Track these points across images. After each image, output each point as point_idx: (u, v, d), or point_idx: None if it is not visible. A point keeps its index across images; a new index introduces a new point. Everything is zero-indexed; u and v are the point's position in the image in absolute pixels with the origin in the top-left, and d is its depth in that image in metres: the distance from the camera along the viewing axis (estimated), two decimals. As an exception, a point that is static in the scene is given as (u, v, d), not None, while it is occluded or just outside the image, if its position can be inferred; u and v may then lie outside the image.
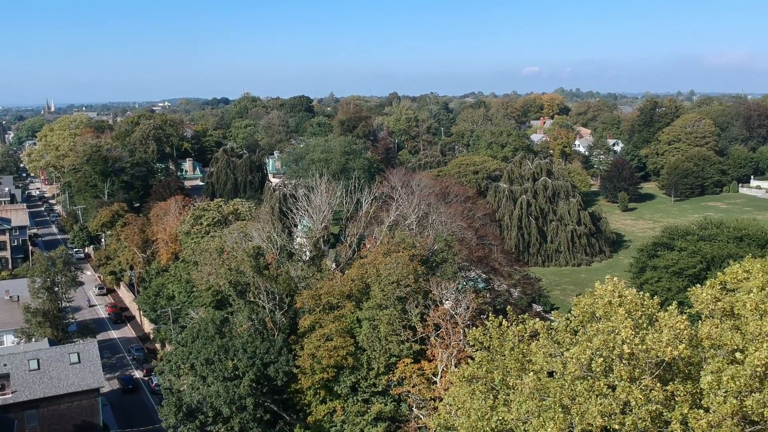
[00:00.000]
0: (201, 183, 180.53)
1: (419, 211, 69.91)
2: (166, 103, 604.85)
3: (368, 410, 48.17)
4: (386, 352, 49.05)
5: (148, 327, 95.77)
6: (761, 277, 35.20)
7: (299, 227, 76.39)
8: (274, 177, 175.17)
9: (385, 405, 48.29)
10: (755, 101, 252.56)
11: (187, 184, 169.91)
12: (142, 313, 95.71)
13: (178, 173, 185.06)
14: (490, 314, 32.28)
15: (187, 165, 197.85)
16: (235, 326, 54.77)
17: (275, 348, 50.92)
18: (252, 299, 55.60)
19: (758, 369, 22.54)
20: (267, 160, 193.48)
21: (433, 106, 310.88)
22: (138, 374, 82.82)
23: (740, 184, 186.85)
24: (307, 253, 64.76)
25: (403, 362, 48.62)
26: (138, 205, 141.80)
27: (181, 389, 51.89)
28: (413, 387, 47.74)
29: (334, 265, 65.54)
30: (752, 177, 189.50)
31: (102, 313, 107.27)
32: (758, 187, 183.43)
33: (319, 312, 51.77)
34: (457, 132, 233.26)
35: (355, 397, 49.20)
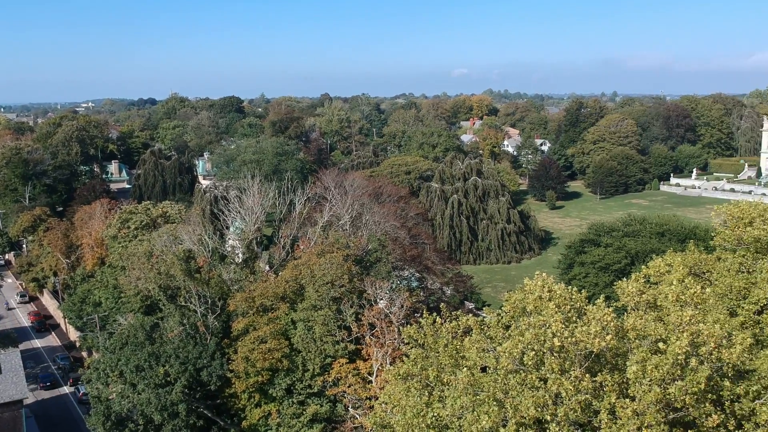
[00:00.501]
0: (128, 186, 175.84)
1: (353, 212, 69.98)
2: (90, 104, 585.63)
3: (304, 412, 47.87)
4: (321, 352, 48.87)
5: (73, 335, 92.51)
6: (682, 270, 36.76)
7: (231, 229, 75.29)
8: (204, 179, 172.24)
9: (321, 406, 48.10)
10: (674, 102, 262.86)
11: (114, 186, 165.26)
12: (67, 320, 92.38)
13: (104, 176, 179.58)
14: (424, 312, 32.56)
15: (113, 167, 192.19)
16: (166, 332, 53.57)
17: (208, 352, 50.04)
18: (183, 303, 54.48)
19: (680, 357, 23.44)
20: (197, 162, 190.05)
21: (365, 107, 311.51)
22: (65, 387, 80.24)
23: (661, 182, 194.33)
24: (240, 255, 63.90)
25: (339, 362, 48.55)
26: (61, 209, 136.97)
27: (110, 398, 50.35)
28: (349, 387, 47.76)
29: (267, 267, 64.87)
30: (672, 175, 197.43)
31: (24, 321, 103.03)
32: (677, 185, 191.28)
33: (253, 314, 51.17)
34: (389, 133, 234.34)
35: (290, 400, 48.81)
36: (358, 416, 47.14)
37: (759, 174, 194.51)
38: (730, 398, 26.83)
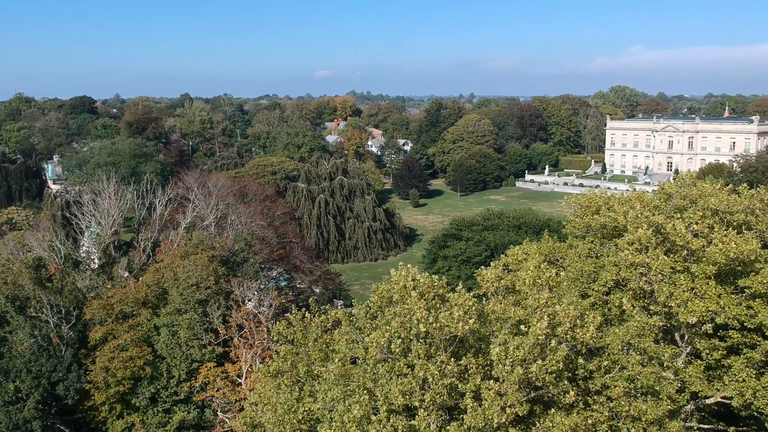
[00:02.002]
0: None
1: (217, 212, 68.33)
2: None
3: (170, 420, 46.19)
4: (187, 357, 47.39)
5: None
6: (537, 257, 38.87)
7: (86, 234, 71.28)
8: (54, 183, 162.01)
9: (188, 413, 46.63)
10: (526, 103, 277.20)
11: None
12: None
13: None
14: (293, 310, 32.43)
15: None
16: (15, 345, 49.84)
17: (64, 365, 47.06)
18: (34, 314, 50.91)
19: (539, 338, 24.75)
20: (46, 166, 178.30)
21: (227, 108, 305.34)
22: None
23: (517, 179, 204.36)
24: (96, 260, 60.66)
25: (206, 367, 47.27)
26: None
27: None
28: (217, 391, 46.59)
29: (127, 273, 61.97)
30: (526, 171, 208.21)
31: None
32: (532, 181, 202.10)
33: (112, 322, 48.70)
34: (254, 134, 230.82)
35: (155, 408, 46.93)
36: (227, 420, 46.10)
37: (604, 170, 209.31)
38: (584, 375, 28.71)
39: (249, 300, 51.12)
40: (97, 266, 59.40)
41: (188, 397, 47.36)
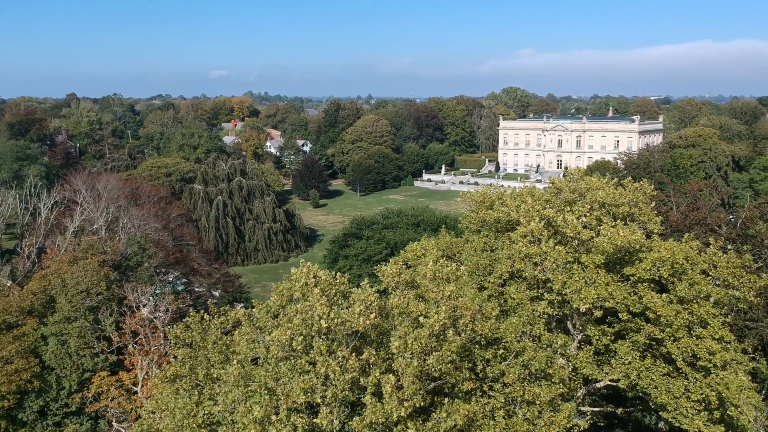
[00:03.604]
0: None
1: (108, 215, 65.60)
2: None
3: (61, 433, 44.05)
4: (79, 367, 45.32)
5: None
6: (436, 252, 39.64)
7: (-37, 242, 66.80)
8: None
9: (81, 425, 44.65)
10: (422, 104, 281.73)
11: None
12: None
13: None
14: (191, 313, 31.54)
15: None
16: None
17: (-60, 381, 43.91)
18: None
19: (435, 329, 25.22)
20: None
21: (117, 108, 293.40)
22: None
23: (415, 178, 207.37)
24: (-25, 269, 56.96)
25: (99, 376, 45.37)
26: None
27: None
28: (112, 400, 44.79)
29: (10, 282, 58.50)
30: (424, 171, 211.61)
31: None
32: (429, 180, 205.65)
33: (-5, 333, 45.88)
34: (146, 134, 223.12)
35: (44, 422, 44.62)
36: (123, 430, 44.38)
37: (497, 168, 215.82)
38: (482, 363, 29.53)
39: (144, 305, 49.41)
40: (-24, 275, 55.80)
41: (80, 409, 45.31)
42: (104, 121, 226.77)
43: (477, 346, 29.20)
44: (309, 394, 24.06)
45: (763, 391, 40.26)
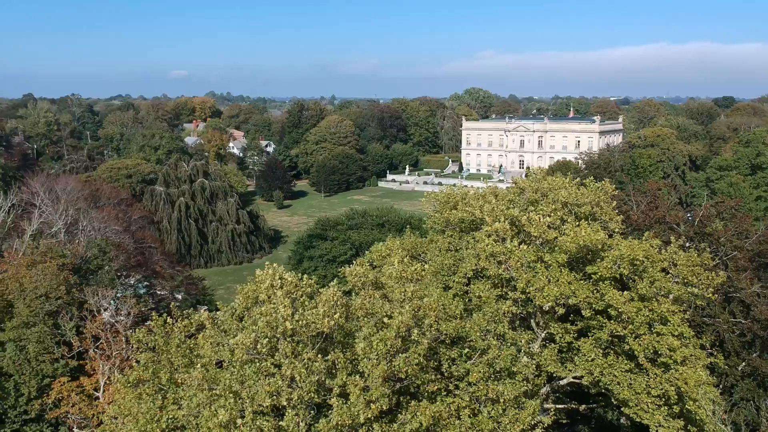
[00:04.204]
0: None
1: (67, 217, 64.30)
2: None
3: (20, 441, 43.05)
4: (38, 373, 44.34)
5: None
6: (401, 252, 39.72)
7: None
8: None
9: (41, 432, 43.69)
10: (386, 104, 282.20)
11: None
12: None
13: None
14: (154, 317, 31.11)
15: None
16: None
17: None
18: None
19: (401, 330, 25.27)
20: None
21: (76, 109, 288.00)
22: None
23: (379, 178, 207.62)
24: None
25: (59, 382, 44.42)
26: None
27: None
28: (72, 406, 43.88)
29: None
30: (388, 171, 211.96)
31: None
32: (393, 180, 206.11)
33: (-51, 340, 44.70)
34: (106, 135, 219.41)
35: (2, 430, 43.56)
36: (84, 436, 43.57)
37: (461, 168, 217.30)
38: (448, 363, 29.69)
39: (105, 309, 48.56)
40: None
41: (40, 416, 44.34)
42: (62, 121, 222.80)
43: (442, 345, 29.35)
44: (275, 396, 23.94)
45: (720, 386, 41.30)
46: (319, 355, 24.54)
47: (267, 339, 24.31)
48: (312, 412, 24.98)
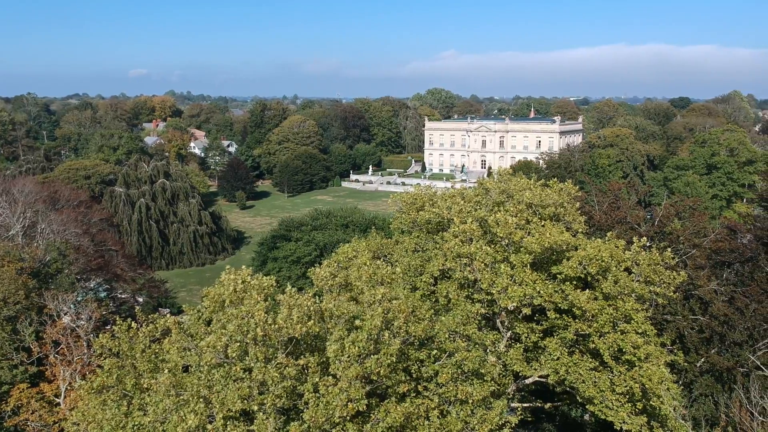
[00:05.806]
0: None
1: (25, 220, 62.89)
2: None
3: (-23, 450, 41.99)
4: (-4, 380, 43.27)
5: None
6: (367, 253, 39.65)
7: None
8: None
9: (-1, 440, 42.65)
10: (349, 104, 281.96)
11: None
12: None
13: None
14: (118, 321, 30.57)
15: None
16: None
17: None
18: None
19: (373, 332, 25.25)
20: None
21: (32, 108, 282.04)
22: None
23: (342, 179, 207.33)
24: None
25: (18, 388, 43.39)
26: None
27: None
28: (32, 414, 42.89)
29: None
30: (351, 171, 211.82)
31: None
32: (357, 180, 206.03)
33: None
34: (63, 135, 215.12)
35: (-42, 439, 42.45)
36: (45, 444, 42.62)
37: (424, 168, 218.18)
38: (417, 364, 29.77)
39: (65, 314, 47.63)
40: None
41: (-2, 424, 43.29)
42: (17, 121, 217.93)
43: (411, 347, 29.41)
44: (245, 401, 23.72)
45: (680, 382, 42.18)
46: (291, 360, 24.39)
47: (237, 343, 24.07)
48: (282, 416, 24.84)
